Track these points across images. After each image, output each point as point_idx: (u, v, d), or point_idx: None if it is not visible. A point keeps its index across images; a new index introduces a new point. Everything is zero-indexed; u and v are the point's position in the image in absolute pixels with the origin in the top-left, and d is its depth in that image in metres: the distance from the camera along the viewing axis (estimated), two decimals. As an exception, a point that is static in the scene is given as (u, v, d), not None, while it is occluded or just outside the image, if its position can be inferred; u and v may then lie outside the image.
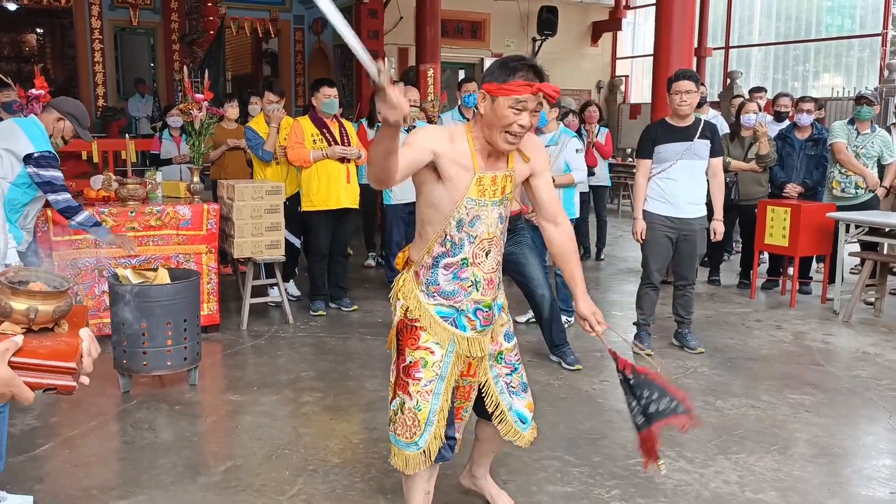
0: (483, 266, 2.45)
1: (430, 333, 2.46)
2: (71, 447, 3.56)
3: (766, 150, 6.46)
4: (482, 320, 2.50)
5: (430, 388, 2.45)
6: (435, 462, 2.52)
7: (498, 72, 2.32)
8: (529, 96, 2.28)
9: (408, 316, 2.50)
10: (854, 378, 4.60)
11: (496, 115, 2.31)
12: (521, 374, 2.69)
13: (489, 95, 2.33)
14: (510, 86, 2.28)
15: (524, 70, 2.29)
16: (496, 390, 2.62)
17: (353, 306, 6.06)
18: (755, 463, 3.44)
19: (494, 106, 2.31)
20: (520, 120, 2.30)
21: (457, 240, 2.40)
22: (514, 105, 2.28)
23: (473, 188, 2.36)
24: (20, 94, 4.82)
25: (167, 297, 4.12)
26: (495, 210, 2.42)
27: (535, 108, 2.33)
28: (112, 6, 13.47)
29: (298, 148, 5.61)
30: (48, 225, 4.77)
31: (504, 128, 2.31)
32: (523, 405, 2.67)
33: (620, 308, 6.27)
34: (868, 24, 12.21)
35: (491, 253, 2.45)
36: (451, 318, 2.47)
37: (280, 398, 4.20)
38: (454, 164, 2.36)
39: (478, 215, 2.39)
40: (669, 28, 7.11)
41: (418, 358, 2.46)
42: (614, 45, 16.18)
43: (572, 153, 5.12)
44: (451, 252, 2.41)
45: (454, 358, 2.48)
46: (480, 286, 2.45)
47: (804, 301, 6.51)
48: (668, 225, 4.84)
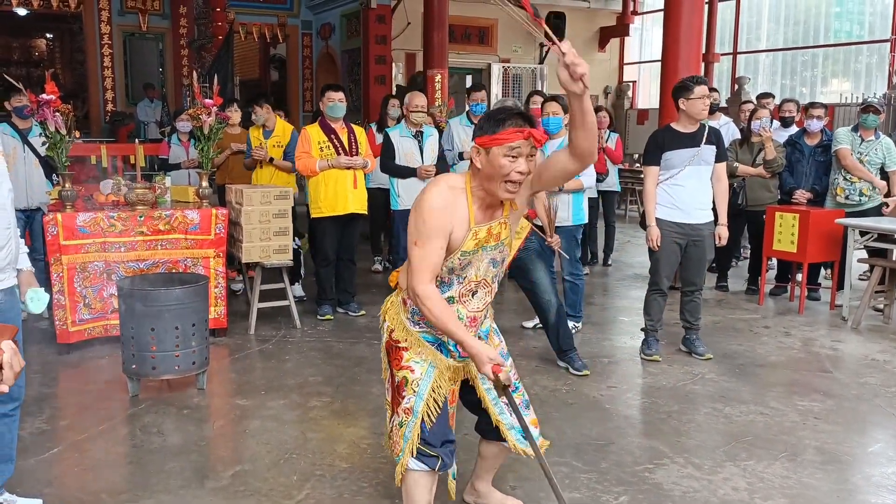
0: (469, 305, 2.50)
1: (413, 353, 2.53)
2: (80, 451, 3.57)
3: (772, 155, 6.44)
4: (461, 352, 2.54)
5: (410, 406, 2.51)
6: (438, 470, 2.53)
7: (487, 125, 2.34)
8: (522, 142, 2.29)
9: (392, 337, 2.57)
10: (863, 385, 4.58)
11: (493, 167, 2.31)
12: (521, 392, 2.71)
13: (483, 149, 2.33)
14: (502, 135, 2.29)
15: (512, 118, 2.31)
16: (496, 411, 2.67)
17: (361, 311, 6.07)
18: (764, 470, 3.42)
19: (490, 158, 2.31)
20: (517, 167, 2.30)
21: (446, 279, 2.46)
22: (509, 153, 2.29)
23: (469, 242, 2.39)
24: (31, 98, 4.84)
25: (176, 302, 4.14)
26: (487, 256, 2.45)
27: (531, 153, 2.32)
28: (121, 11, 13.56)
29: (305, 157, 5.65)
30: (57, 229, 4.79)
31: (503, 178, 2.31)
32: (528, 422, 2.68)
33: (628, 314, 6.26)
34: (877, 29, 12.19)
35: (478, 294, 2.49)
36: (435, 344, 2.54)
37: (288, 402, 4.21)
38: (456, 226, 2.38)
39: (470, 262, 2.43)
40: (677, 34, 7.11)
41: (402, 377, 2.53)
42: (622, 51, 16.19)
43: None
44: (441, 289, 2.45)
45: (436, 374, 2.54)
46: (463, 322, 2.48)
47: (812, 307, 6.49)
48: (678, 231, 4.83)
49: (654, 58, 15.25)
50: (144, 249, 5.03)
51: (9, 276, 2.72)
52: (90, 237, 4.89)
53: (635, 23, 15.47)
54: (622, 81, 16.12)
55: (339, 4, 13.38)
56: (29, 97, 4.91)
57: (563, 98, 5.00)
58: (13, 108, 5.77)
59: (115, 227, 4.94)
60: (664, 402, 4.26)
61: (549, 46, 2.31)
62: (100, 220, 4.91)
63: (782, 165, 6.56)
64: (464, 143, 6.49)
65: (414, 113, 6.09)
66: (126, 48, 13.86)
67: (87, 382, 4.54)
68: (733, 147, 6.77)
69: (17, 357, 1.45)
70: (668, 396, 4.35)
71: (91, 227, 4.89)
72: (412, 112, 6.10)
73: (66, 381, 4.59)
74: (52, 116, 4.70)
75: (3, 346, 1.44)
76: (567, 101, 2.54)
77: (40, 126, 4.80)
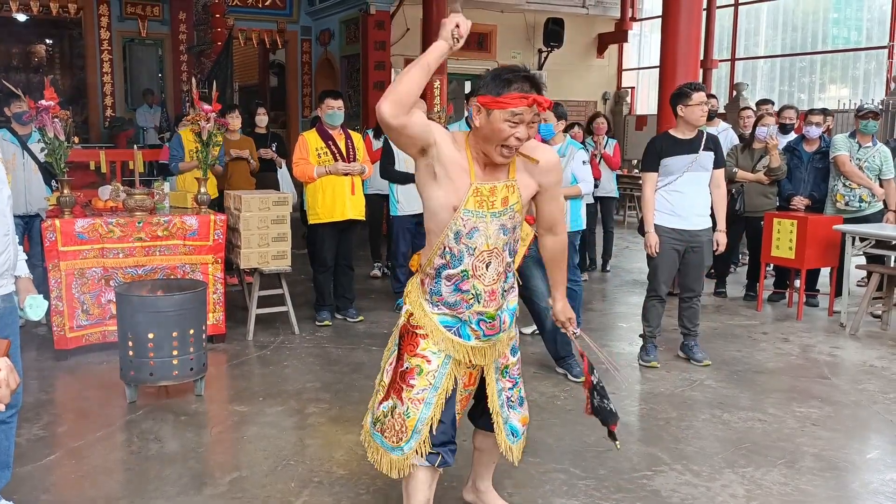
0: (483, 278, 2.42)
1: (431, 342, 2.46)
2: (77, 457, 3.57)
3: (778, 162, 6.44)
4: (486, 330, 2.48)
5: (422, 397, 2.46)
6: (437, 466, 2.52)
7: (492, 84, 2.29)
8: (525, 108, 2.25)
9: (411, 322, 2.51)
10: (861, 391, 4.58)
11: (492, 129, 2.27)
12: (520, 387, 2.70)
13: (484, 108, 2.29)
14: (505, 98, 2.24)
15: (519, 82, 2.26)
16: (498, 403, 2.63)
17: (359, 317, 6.07)
18: (762, 477, 3.42)
19: (490, 119, 2.27)
20: (517, 133, 2.26)
21: (455, 251, 2.38)
22: (510, 118, 2.25)
23: (471, 199, 2.34)
24: (30, 105, 4.84)
25: (174, 308, 4.14)
26: (495, 221, 2.38)
27: (533, 120, 2.29)
28: (121, 17, 13.58)
29: (303, 164, 5.66)
30: (56, 235, 4.79)
31: (501, 142, 2.28)
32: (518, 419, 2.69)
33: (626, 320, 6.26)
34: (874, 36, 12.20)
35: (492, 265, 2.41)
36: (454, 328, 2.47)
37: (285, 409, 4.20)
38: (453, 164, 2.33)
39: (476, 227, 2.36)
40: (676, 40, 7.12)
41: (414, 365, 2.46)
42: (620, 57, 16.20)
43: (579, 165, 5.12)
44: (451, 264, 2.40)
45: (451, 367, 2.48)
46: (482, 298, 2.43)
47: (811, 314, 6.49)
48: (676, 237, 4.84)
49: (652, 64, 15.27)
50: (143, 255, 5.03)
51: (7, 283, 2.72)
52: (88, 243, 4.89)
53: (634, 29, 15.48)
54: (620, 87, 16.13)
55: (338, 10, 13.40)
56: (28, 103, 4.91)
57: (560, 107, 5.01)
58: (12, 114, 5.77)
59: (113, 233, 4.94)
60: (662, 409, 4.26)
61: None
62: (98, 226, 4.91)
63: (785, 173, 6.56)
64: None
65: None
66: (125, 54, 13.88)
67: (84, 389, 4.53)
68: (734, 152, 6.78)
69: (12, 374, 1.43)
70: (667, 403, 4.35)
71: (89, 233, 4.88)
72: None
73: (63, 387, 4.58)
74: (51, 122, 4.70)
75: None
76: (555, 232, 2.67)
77: (39, 132, 4.81)
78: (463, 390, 2.58)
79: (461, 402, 2.63)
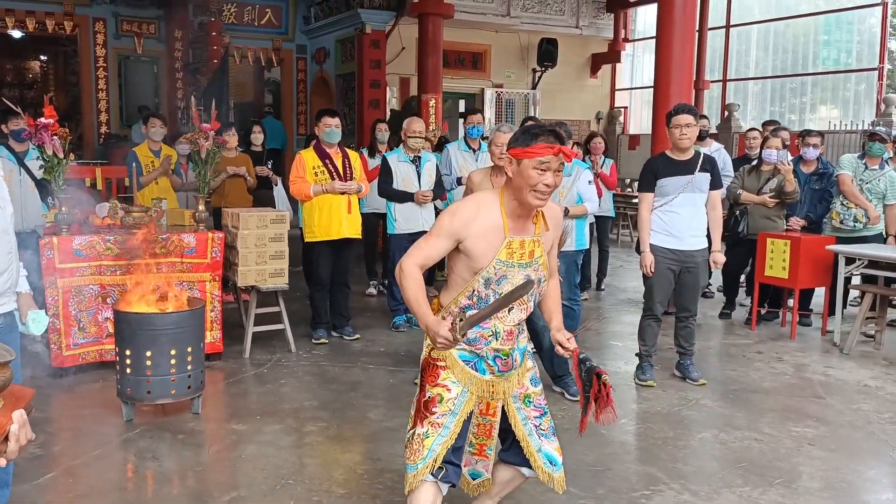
0: (505, 320, 2.59)
1: (451, 373, 2.62)
2: (74, 476, 3.55)
3: (792, 187, 6.37)
4: (500, 366, 2.63)
5: (441, 422, 2.59)
6: (441, 480, 2.60)
7: (522, 138, 2.52)
8: (552, 157, 2.46)
9: (432, 355, 2.66)
10: (856, 411, 4.61)
11: (523, 177, 2.48)
12: (549, 418, 2.79)
13: (515, 159, 2.51)
14: (533, 149, 2.46)
15: (545, 135, 2.49)
16: (525, 432, 2.72)
17: (356, 335, 6.07)
18: (760, 496, 3.43)
19: (521, 168, 2.49)
20: (545, 179, 2.46)
21: (483, 295, 2.55)
22: (538, 166, 2.46)
23: (503, 251, 2.52)
24: (29, 122, 4.85)
25: (172, 326, 4.13)
26: (521, 272, 2.56)
27: (558, 168, 2.49)
28: (117, 35, 13.61)
29: (300, 182, 5.68)
30: (53, 252, 4.79)
31: (532, 188, 2.48)
32: (553, 448, 2.77)
33: (621, 339, 6.28)
34: (864, 58, 12.35)
35: (514, 310, 2.58)
36: (472, 363, 2.62)
37: (283, 427, 4.20)
38: (481, 240, 2.51)
39: (504, 275, 2.54)
40: (669, 61, 7.21)
41: (436, 394, 2.61)
42: (613, 77, 16.34)
43: (585, 184, 5.14)
44: (477, 305, 2.55)
45: (469, 396, 2.62)
46: (500, 336, 2.60)
47: (804, 333, 6.53)
48: (672, 258, 4.88)
49: (644, 84, 15.42)
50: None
51: (9, 301, 2.73)
52: (86, 260, 4.89)
53: (626, 49, 15.63)
54: (613, 107, 16.26)
55: (333, 29, 13.49)
56: (27, 121, 4.92)
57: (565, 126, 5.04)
58: (10, 132, 5.77)
59: (110, 250, 4.94)
60: (659, 428, 4.27)
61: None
62: (95, 243, 4.91)
63: (798, 197, 6.55)
64: (461, 168, 6.52)
65: (412, 138, 6.14)
66: (121, 71, 13.90)
67: (81, 407, 4.51)
68: (741, 174, 6.77)
69: (24, 429, 1.35)
70: (663, 422, 4.37)
71: (87, 251, 4.88)
72: (410, 137, 6.15)
73: (60, 405, 4.56)
74: (49, 140, 4.71)
75: (14, 415, 1.34)
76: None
77: (38, 150, 4.81)
78: (479, 417, 2.69)
79: (485, 433, 2.72)
